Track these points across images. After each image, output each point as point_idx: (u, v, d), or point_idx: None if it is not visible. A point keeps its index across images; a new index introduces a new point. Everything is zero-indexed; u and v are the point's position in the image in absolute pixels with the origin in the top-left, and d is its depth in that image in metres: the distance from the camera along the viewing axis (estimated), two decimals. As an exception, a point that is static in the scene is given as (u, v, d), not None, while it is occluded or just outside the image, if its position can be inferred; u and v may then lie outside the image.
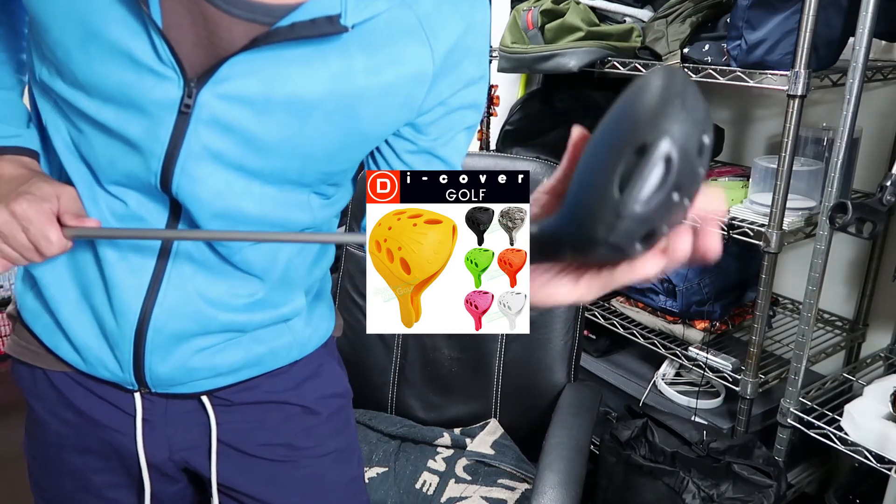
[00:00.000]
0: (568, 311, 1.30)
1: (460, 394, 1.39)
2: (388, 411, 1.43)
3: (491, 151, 2.16)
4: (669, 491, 1.43)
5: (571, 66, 1.62)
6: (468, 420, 1.38)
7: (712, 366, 1.58)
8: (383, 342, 1.42)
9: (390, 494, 1.23)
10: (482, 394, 1.37)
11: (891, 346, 1.71)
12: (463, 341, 1.38)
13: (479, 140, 2.18)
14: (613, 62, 1.63)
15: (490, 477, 1.23)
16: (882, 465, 1.31)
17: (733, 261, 1.72)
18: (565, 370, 1.30)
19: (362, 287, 1.45)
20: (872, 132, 1.62)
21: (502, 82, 2.26)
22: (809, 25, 1.23)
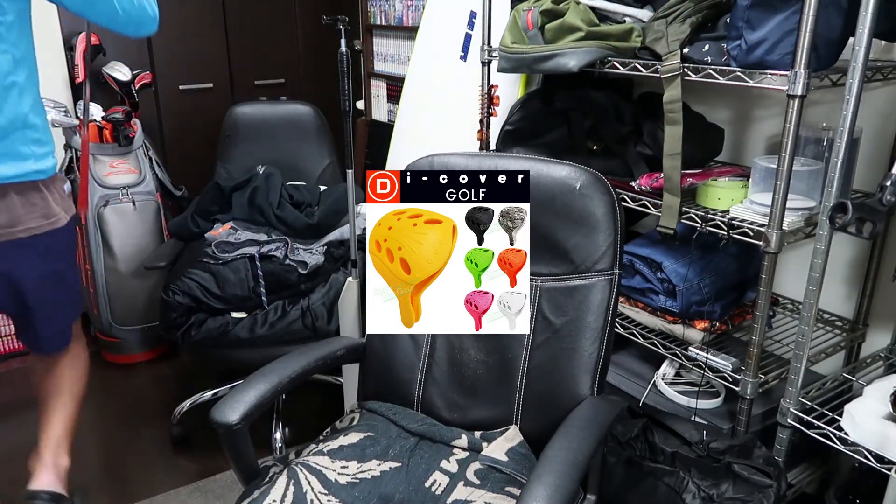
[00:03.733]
0: (597, 321, 1.27)
1: (484, 397, 1.38)
2: (414, 408, 1.43)
3: (491, 151, 2.16)
4: (669, 491, 1.44)
5: (571, 66, 1.62)
6: (490, 424, 1.36)
7: (712, 366, 1.58)
8: (413, 339, 1.41)
9: (399, 490, 1.24)
10: (505, 399, 1.35)
11: (891, 346, 1.71)
12: (490, 344, 1.36)
13: (479, 140, 2.18)
14: (613, 62, 1.63)
15: (498, 483, 1.23)
16: (882, 465, 1.31)
17: (733, 261, 1.72)
18: (590, 382, 1.26)
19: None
20: (872, 132, 1.62)
21: (502, 82, 2.26)
22: (809, 25, 1.23)
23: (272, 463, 1.30)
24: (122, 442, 2.33)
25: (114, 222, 2.66)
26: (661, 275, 1.68)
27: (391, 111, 3.35)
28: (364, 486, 1.23)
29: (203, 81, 3.30)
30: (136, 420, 2.46)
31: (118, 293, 2.72)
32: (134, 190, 2.69)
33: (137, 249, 2.69)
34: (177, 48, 3.20)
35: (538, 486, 0.96)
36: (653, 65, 1.55)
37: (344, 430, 1.39)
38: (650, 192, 1.64)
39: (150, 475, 2.16)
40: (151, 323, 2.77)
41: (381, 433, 1.36)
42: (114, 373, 2.77)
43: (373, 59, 3.46)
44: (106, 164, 2.67)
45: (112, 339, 2.78)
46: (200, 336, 2.04)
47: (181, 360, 2.88)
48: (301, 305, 2.10)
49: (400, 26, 3.19)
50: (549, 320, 1.30)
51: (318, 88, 3.60)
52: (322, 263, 2.15)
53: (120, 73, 2.77)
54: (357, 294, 2.05)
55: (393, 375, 1.44)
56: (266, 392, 1.20)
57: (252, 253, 2.12)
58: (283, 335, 2.07)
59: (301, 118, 2.64)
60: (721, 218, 1.49)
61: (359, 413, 1.44)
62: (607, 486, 1.49)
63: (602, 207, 1.26)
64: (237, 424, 1.14)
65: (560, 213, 1.29)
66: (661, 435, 1.52)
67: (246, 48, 3.39)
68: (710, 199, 1.57)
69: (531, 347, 1.32)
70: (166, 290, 2.04)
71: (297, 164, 2.63)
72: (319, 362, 1.35)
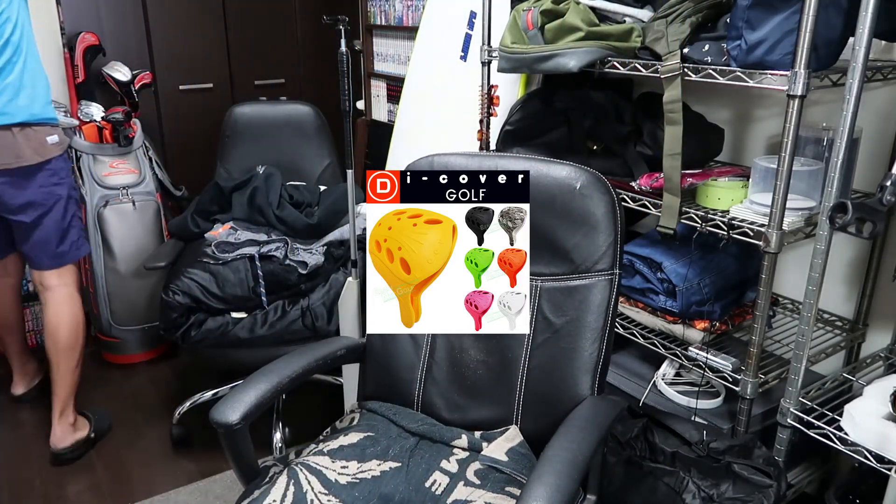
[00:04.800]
0: (597, 321, 1.26)
1: (484, 397, 1.38)
2: (414, 408, 1.43)
3: (491, 151, 2.16)
4: (669, 491, 1.44)
5: (571, 66, 1.62)
6: (490, 424, 1.36)
7: (712, 366, 1.58)
8: (413, 339, 1.41)
9: (399, 490, 1.24)
10: (505, 399, 1.35)
11: (891, 346, 1.71)
12: (490, 344, 1.36)
13: (479, 140, 2.18)
14: (613, 62, 1.63)
15: (498, 483, 1.23)
16: (882, 465, 1.31)
17: (733, 261, 1.72)
18: (590, 382, 1.26)
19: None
20: (872, 132, 1.62)
21: (502, 82, 2.26)
22: (809, 25, 1.23)
23: (272, 463, 1.30)
24: (123, 442, 2.33)
25: (114, 222, 2.66)
26: (661, 275, 1.68)
27: (391, 111, 3.36)
28: (364, 486, 1.23)
29: (203, 81, 3.30)
30: (136, 420, 2.46)
31: (118, 293, 2.72)
32: (134, 190, 2.69)
33: (137, 250, 2.69)
34: (177, 48, 3.20)
35: (538, 486, 0.96)
36: (653, 65, 1.55)
37: (344, 430, 1.39)
38: (650, 192, 1.64)
39: (150, 475, 2.16)
40: (151, 323, 2.77)
41: (381, 433, 1.36)
42: (114, 373, 2.77)
43: (373, 59, 3.46)
44: (105, 165, 2.67)
45: (112, 339, 2.78)
46: (200, 336, 2.04)
47: (181, 360, 2.88)
48: (301, 305, 2.10)
49: (400, 26, 3.19)
50: (549, 320, 1.30)
51: (318, 88, 3.60)
52: (322, 263, 2.15)
53: (120, 73, 2.77)
54: (357, 294, 2.05)
55: (393, 375, 1.44)
56: (266, 392, 1.20)
57: (252, 253, 2.12)
58: (283, 335, 2.07)
59: (301, 118, 2.64)
60: (721, 218, 1.49)
61: (359, 413, 1.44)
62: (607, 486, 1.49)
63: (602, 207, 1.26)
64: (237, 424, 1.14)
65: (560, 213, 1.29)
66: (661, 435, 1.52)
67: (246, 48, 3.39)
68: (710, 199, 1.57)
69: (531, 347, 1.32)
70: (166, 290, 2.04)
71: (297, 164, 2.63)
72: (319, 362, 1.35)
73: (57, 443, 2.18)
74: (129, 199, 2.67)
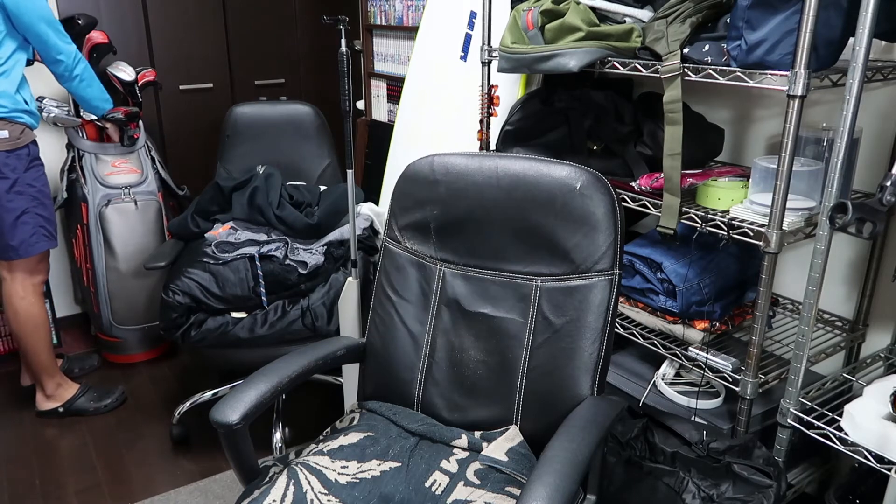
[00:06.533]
0: (597, 321, 1.26)
1: (484, 397, 1.38)
2: (414, 408, 1.43)
3: (491, 152, 2.17)
4: (669, 491, 1.44)
5: (571, 66, 1.62)
6: (490, 424, 1.36)
7: (712, 366, 1.58)
8: (413, 339, 1.42)
9: (399, 490, 1.24)
10: (505, 399, 1.35)
11: (891, 346, 1.71)
12: (490, 344, 1.36)
13: (479, 140, 2.18)
14: (613, 62, 1.63)
15: (499, 483, 1.23)
16: (882, 465, 1.31)
17: (733, 261, 1.72)
18: (590, 382, 1.26)
19: (398, 283, 1.45)
20: (872, 132, 1.62)
21: (502, 82, 2.27)
22: (809, 25, 1.23)
23: (272, 463, 1.30)
24: (123, 442, 2.33)
25: (115, 222, 2.66)
26: (661, 275, 1.68)
27: (391, 111, 3.36)
28: (364, 486, 1.23)
29: (203, 81, 3.30)
30: (136, 420, 2.46)
31: (119, 293, 2.72)
32: (136, 189, 2.69)
33: (139, 249, 2.70)
34: (177, 48, 3.20)
35: (538, 486, 0.96)
36: (653, 65, 1.55)
37: (344, 430, 1.39)
38: (650, 192, 1.64)
39: (150, 475, 2.16)
40: (152, 323, 2.77)
41: (381, 433, 1.37)
42: (114, 373, 2.78)
43: (373, 59, 3.46)
44: (108, 164, 2.67)
45: (112, 338, 2.79)
46: (200, 336, 2.04)
47: (181, 360, 2.88)
48: (301, 305, 2.10)
49: (400, 26, 3.19)
50: (549, 320, 1.30)
51: (318, 88, 3.60)
52: (322, 263, 2.15)
53: (124, 73, 2.77)
54: (357, 294, 2.05)
55: (393, 375, 1.44)
56: (266, 392, 1.21)
57: (252, 253, 2.13)
58: (283, 335, 2.07)
59: (301, 118, 2.64)
60: (721, 218, 1.49)
61: (359, 413, 1.44)
62: (607, 486, 1.49)
63: (602, 207, 1.26)
64: (237, 424, 1.14)
65: (560, 213, 1.29)
66: (661, 435, 1.52)
67: (246, 48, 3.39)
68: (710, 200, 1.57)
69: (531, 347, 1.32)
70: (166, 290, 2.04)
71: (296, 164, 2.64)
72: (319, 362, 1.35)
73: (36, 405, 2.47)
74: (131, 199, 2.68)
